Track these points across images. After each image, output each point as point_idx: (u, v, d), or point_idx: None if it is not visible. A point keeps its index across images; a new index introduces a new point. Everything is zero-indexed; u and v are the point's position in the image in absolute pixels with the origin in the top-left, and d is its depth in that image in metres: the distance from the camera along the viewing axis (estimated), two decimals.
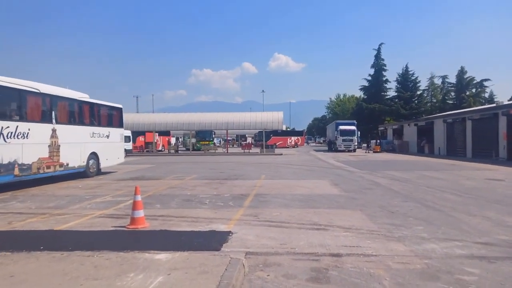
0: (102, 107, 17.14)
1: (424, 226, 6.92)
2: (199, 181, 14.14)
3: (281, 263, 4.93)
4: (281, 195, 10.56)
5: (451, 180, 14.50)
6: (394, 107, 63.36)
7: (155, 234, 6.38)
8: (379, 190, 11.70)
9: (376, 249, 5.50)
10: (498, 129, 26.79)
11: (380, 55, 66.93)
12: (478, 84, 61.78)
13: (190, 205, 9.10)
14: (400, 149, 44.15)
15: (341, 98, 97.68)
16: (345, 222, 7.21)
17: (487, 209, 8.58)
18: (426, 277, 4.45)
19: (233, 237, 6.12)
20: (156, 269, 4.54)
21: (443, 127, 36.33)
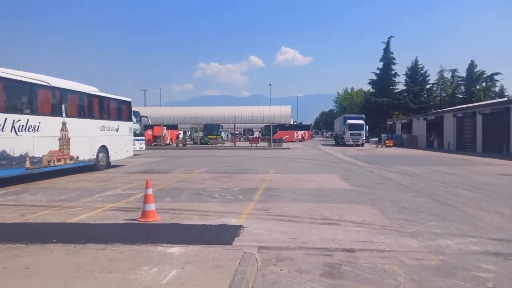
0: (111, 101, 17.20)
1: (437, 222, 6.85)
2: (208, 175, 14.15)
3: (293, 258, 4.91)
4: (291, 189, 10.53)
5: (462, 175, 14.34)
6: (403, 101, 62.82)
7: (167, 227, 6.39)
8: (389, 185, 11.61)
9: (389, 245, 5.45)
10: (509, 124, 26.40)
11: (389, 48, 66.33)
12: (488, 78, 60.89)
13: (200, 199, 9.10)
14: (409, 144, 43.79)
15: (349, 92, 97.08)
16: (356, 217, 7.15)
17: (500, 204, 8.47)
18: (442, 273, 4.39)
19: (244, 231, 6.10)
20: (170, 263, 4.54)
21: (453, 121, 35.92)
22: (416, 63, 66.47)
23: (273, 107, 65.81)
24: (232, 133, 60.99)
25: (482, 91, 58.46)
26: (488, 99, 52.81)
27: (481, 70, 61.35)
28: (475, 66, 61.67)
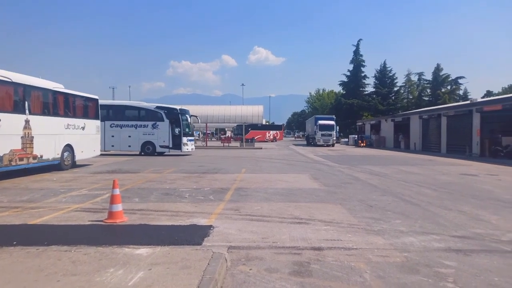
0: (77, 98, 16.64)
1: (402, 220, 7.06)
2: (178, 175, 13.96)
3: (263, 257, 4.92)
4: (262, 189, 10.56)
5: (427, 175, 14.87)
6: (372, 103, 64.48)
7: (134, 228, 6.25)
8: (358, 185, 11.87)
9: (356, 243, 5.57)
10: (472, 126, 27.64)
11: (358, 51, 67.86)
12: (453, 81, 63.56)
13: (170, 199, 8.96)
14: (378, 144, 45.02)
15: (321, 93, 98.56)
16: (326, 216, 7.27)
17: (462, 203, 8.84)
18: (406, 270, 4.53)
19: (214, 231, 6.06)
20: (137, 264, 4.44)
21: (419, 123, 37.20)
22: (384, 66, 68.40)
23: (245, 106, 65.88)
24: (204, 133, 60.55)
25: (447, 94, 60.92)
26: (453, 101, 55.05)
27: (446, 73, 64.00)
28: (440, 69, 64.23)
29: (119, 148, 25.93)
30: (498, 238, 5.91)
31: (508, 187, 11.72)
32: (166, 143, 25.51)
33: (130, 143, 25.69)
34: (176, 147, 25.56)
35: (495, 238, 5.91)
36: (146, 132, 25.62)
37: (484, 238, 5.88)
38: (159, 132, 25.52)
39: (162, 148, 25.68)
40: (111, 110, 26.56)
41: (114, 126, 25.77)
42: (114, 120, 25.89)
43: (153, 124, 25.55)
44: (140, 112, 26.24)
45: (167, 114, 25.59)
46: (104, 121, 25.62)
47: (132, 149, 25.95)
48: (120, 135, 25.74)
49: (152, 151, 25.67)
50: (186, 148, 25.95)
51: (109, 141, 25.75)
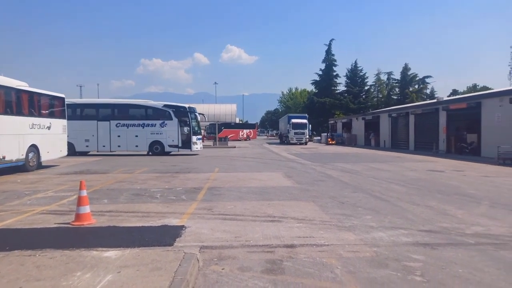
0: (42, 97, 16.02)
1: (372, 216, 7.21)
2: (149, 175, 13.70)
3: (236, 256, 4.89)
4: (236, 188, 10.52)
5: (396, 171, 15.28)
6: (344, 102, 65.67)
7: (103, 230, 6.07)
8: (330, 182, 12.04)
9: (328, 239, 5.64)
10: (438, 124, 28.65)
11: (330, 50, 68.88)
12: (420, 80, 65.72)
13: (141, 200, 8.78)
14: (349, 142, 45.88)
15: (293, 92, 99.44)
16: (298, 214, 7.32)
17: (429, 198, 9.13)
18: (375, 264, 4.62)
19: (186, 231, 5.98)
20: (105, 267, 4.31)
21: (388, 121, 38.21)
22: (355, 65, 69.83)
23: (218, 105, 65.54)
24: None
25: (415, 93, 62.93)
26: (420, 100, 56.92)
27: (414, 73, 66.11)
28: (408, 69, 66.26)
29: (126, 148, 25.21)
30: (463, 231, 6.13)
31: (473, 182, 12.21)
32: (175, 142, 24.96)
33: (138, 143, 24.97)
34: (185, 146, 25.06)
35: (460, 231, 6.13)
36: (154, 131, 24.95)
37: (450, 232, 6.09)
38: (167, 131, 24.89)
39: (171, 148, 25.14)
40: (117, 109, 25.85)
41: (120, 126, 24.99)
42: (119, 119, 25.10)
43: (161, 123, 24.92)
44: (148, 110, 25.53)
45: (176, 113, 25.04)
46: (110, 121, 25.09)
47: (139, 149, 25.26)
48: (126, 134, 24.97)
49: (160, 151, 25.05)
50: (196, 147, 25.48)
51: (115, 141, 24.99)
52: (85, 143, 24.96)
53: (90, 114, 25.84)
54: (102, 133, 24.90)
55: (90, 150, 25.46)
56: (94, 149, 25.27)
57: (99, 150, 25.22)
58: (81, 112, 25.93)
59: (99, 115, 25.49)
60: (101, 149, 25.17)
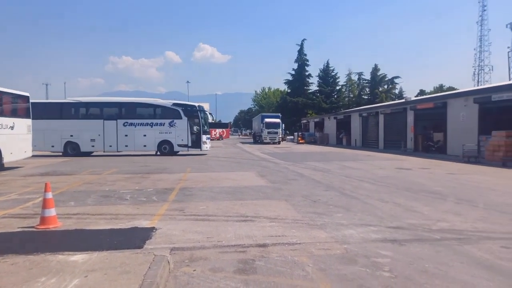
0: (4, 95, 15.31)
1: (343, 213, 7.33)
2: (119, 176, 13.37)
3: (208, 257, 4.84)
4: (208, 188, 10.44)
5: (366, 169, 15.62)
6: (316, 101, 66.56)
7: (69, 234, 5.86)
8: (303, 181, 12.15)
9: (300, 238, 5.68)
10: (406, 123, 29.54)
11: (303, 50, 69.62)
12: (389, 81, 67.61)
13: (109, 202, 8.54)
14: (321, 141, 46.57)
15: (266, 92, 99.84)
16: (271, 213, 7.34)
17: (398, 196, 9.38)
18: (346, 261, 4.70)
19: (157, 233, 5.86)
20: (71, 272, 4.16)
21: (359, 120, 39.02)
22: (327, 65, 70.91)
23: None
24: None
25: (384, 93, 64.68)
26: (389, 100, 58.52)
27: (383, 73, 67.91)
28: (378, 70, 68.00)
29: (134, 148, 24.47)
30: (429, 227, 6.33)
31: (439, 179, 12.65)
32: (185, 142, 24.43)
33: (146, 142, 24.31)
34: (195, 145, 24.56)
35: (427, 227, 6.32)
36: (162, 130, 24.33)
37: (417, 228, 6.27)
38: (176, 131, 24.31)
39: (180, 147, 24.56)
40: (124, 108, 25.01)
41: (127, 125, 24.24)
42: (127, 118, 24.32)
43: (170, 122, 24.30)
44: (156, 109, 24.89)
45: (185, 111, 24.49)
46: (117, 120, 24.27)
47: (147, 149, 24.58)
48: (134, 134, 24.23)
49: (169, 151, 24.46)
50: (206, 146, 24.99)
51: (122, 140, 24.21)
52: (90, 143, 24.23)
53: (95, 113, 25.07)
54: (109, 133, 24.18)
55: (96, 150, 24.75)
56: (100, 149, 24.55)
57: (106, 150, 24.52)
58: (86, 111, 25.19)
59: (106, 114, 24.74)
60: (108, 149, 24.47)
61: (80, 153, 23.98)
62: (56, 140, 23.95)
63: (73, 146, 24.12)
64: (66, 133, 24.02)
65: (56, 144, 24.05)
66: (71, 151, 24.06)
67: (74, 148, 24.14)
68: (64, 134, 24.00)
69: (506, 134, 18.32)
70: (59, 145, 24.07)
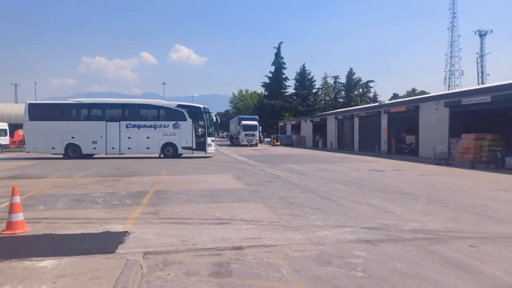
0: None
1: (319, 215, 7.40)
2: (91, 179, 13.03)
3: (182, 261, 4.77)
4: (183, 191, 10.31)
5: (341, 171, 15.84)
6: (293, 104, 67.14)
7: (38, 239, 5.65)
8: (279, 183, 12.20)
9: (275, 240, 5.68)
10: (380, 126, 30.20)
11: (280, 53, 70.13)
12: (364, 84, 69.06)
13: (81, 205, 8.30)
14: (298, 144, 46.99)
15: (243, 94, 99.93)
16: (247, 215, 7.32)
17: (371, 197, 9.55)
18: (321, 262, 4.73)
19: (130, 237, 5.73)
20: (39, 278, 4.00)
21: (335, 123, 39.62)
22: (304, 68, 71.71)
23: None
24: None
25: (359, 96, 65.97)
26: (364, 103, 59.68)
27: (358, 77, 69.26)
28: (353, 73, 69.32)
29: (137, 151, 23.81)
30: (401, 228, 6.47)
31: (411, 181, 12.97)
32: (189, 144, 23.87)
33: (149, 144, 23.71)
34: (200, 148, 23.97)
35: (399, 228, 6.46)
36: (166, 132, 23.76)
37: (390, 229, 6.40)
38: (181, 133, 23.76)
39: (185, 150, 24.01)
40: (127, 109, 24.34)
41: (130, 127, 23.59)
42: (130, 120, 23.69)
43: (175, 124, 23.73)
44: (160, 111, 24.26)
45: (190, 113, 23.98)
46: (119, 121, 23.60)
47: (151, 151, 23.96)
48: (137, 136, 23.59)
49: (173, 153, 23.88)
50: (211, 149, 24.43)
51: (125, 143, 23.54)
52: (92, 145, 23.61)
53: (98, 114, 24.40)
54: (111, 135, 23.56)
55: (98, 152, 24.11)
56: (102, 152, 23.92)
57: (108, 152, 23.89)
58: (88, 112, 24.48)
59: (108, 116, 24.09)
60: (110, 152, 23.85)
61: (82, 156, 23.38)
62: (57, 142, 23.32)
63: (74, 148, 23.50)
64: (67, 135, 23.41)
65: (57, 146, 23.43)
66: (72, 153, 23.45)
67: (76, 150, 23.51)
68: (65, 135, 23.40)
69: (475, 137, 19.01)
70: (60, 147, 23.45)
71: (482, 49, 75.74)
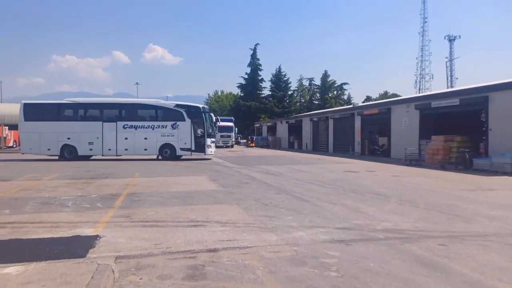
0: None
1: (294, 216, 7.44)
2: (60, 181, 12.62)
3: (155, 264, 4.68)
4: (157, 193, 10.15)
5: (316, 173, 16.03)
6: (269, 105, 67.50)
7: (3, 244, 5.41)
8: (254, 184, 12.21)
9: (251, 241, 5.67)
10: (354, 128, 30.77)
11: (256, 55, 70.39)
12: (338, 87, 70.25)
13: (50, 209, 8.02)
14: (274, 145, 47.20)
15: (219, 95, 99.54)
16: (222, 217, 7.27)
17: (345, 198, 9.70)
18: (295, 263, 4.75)
19: (101, 241, 5.58)
20: (3, 285, 3.83)
21: (310, 125, 40.07)
22: (279, 70, 72.22)
23: None
24: None
25: (334, 99, 67.10)
26: (338, 105, 60.76)
27: (332, 80, 70.48)
28: (328, 76, 70.43)
29: (134, 152, 22.99)
30: (374, 227, 6.60)
31: (383, 181, 13.27)
32: (188, 146, 23.12)
33: (147, 146, 22.94)
34: (199, 149, 23.27)
35: (372, 227, 6.58)
36: (164, 133, 23.01)
37: (363, 228, 6.51)
38: (179, 133, 23.01)
39: (183, 151, 23.26)
40: (124, 109, 23.43)
41: (127, 127, 22.80)
42: (127, 120, 22.89)
43: (173, 125, 22.99)
44: (158, 111, 23.51)
45: (189, 113, 23.25)
46: (116, 122, 22.74)
47: (148, 152, 23.18)
48: (134, 137, 22.79)
49: (170, 155, 23.11)
50: (210, 150, 23.72)
51: (122, 144, 22.74)
52: (88, 146, 22.81)
53: (94, 114, 23.57)
54: (108, 136, 22.80)
55: (95, 154, 23.30)
56: (98, 153, 23.13)
57: (104, 154, 23.09)
58: (85, 112, 23.66)
59: (105, 116, 23.30)
60: (107, 153, 23.05)
61: (78, 157, 22.62)
62: (53, 143, 22.53)
63: (70, 150, 22.76)
64: (63, 136, 22.62)
65: (52, 147, 22.65)
66: (68, 155, 22.72)
67: (72, 151, 22.77)
68: (61, 136, 22.61)
69: (444, 139, 19.66)
70: (56, 148, 22.67)
71: (451, 54, 78.43)
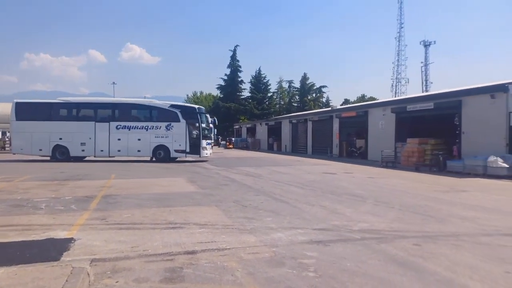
0: None
1: (273, 217, 7.47)
2: (33, 183, 12.23)
3: (132, 268, 4.60)
4: (134, 195, 9.98)
5: (295, 174, 16.14)
6: (248, 107, 67.57)
7: None
8: (234, 186, 12.18)
9: (229, 243, 5.65)
10: (332, 130, 31.17)
11: (235, 56, 70.37)
12: (317, 89, 71.09)
13: (21, 211, 7.76)
14: (253, 147, 47.27)
15: (198, 96, 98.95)
16: (201, 219, 7.22)
17: (323, 199, 9.81)
18: (274, 264, 4.77)
19: (76, 244, 5.44)
20: None
21: (289, 127, 40.35)
22: (259, 72, 72.44)
23: None
24: None
25: (313, 101, 67.82)
26: (317, 108, 61.43)
27: (312, 82, 71.21)
28: (307, 78, 71.16)
29: (127, 153, 22.25)
30: (351, 228, 6.69)
31: (360, 183, 13.49)
32: (183, 147, 22.50)
33: (140, 147, 22.27)
34: (193, 151, 22.67)
35: (349, 228, 6.68)
36: (158, 134, 22.38)
37: (340, 229, 6.60)
38: (174, 135, 22.40)
39: (178, 153, 22.62)
40: (117, 109, 22.70)
41: (120, 128, 22.11)
42: (120, 120, 22.19)
43: (167, 125, 22.36)
44: (152, 111, 22.85)
45: (184, 114, 22.65)
46: (109, 122, 22.01)
47: (142, 154, 22.46)
48: (127, 138, 22.09)
49: (164, 157, 22.43)
50: (206, 152, 23.15)
51: (115, 145, 22.01)
52: (81, 147, 22.14)
53: (87, 114, 22.81)
54: (101, 136, 22.13)
55: (87, 155, 22.62)
56: (91, 154, 22.44)
57: (97, 155, 22.44)
58: (77, 112, 22.82)
59: (98, 116, 22.59)
60: (99, 154, 22.39)
61: (70, 158, 22.02)
62: (44, 143, 21.85)
63: (62, 150, 22.09)
64: (54, 136, 21.93)
65: (44, 148, 21.97)
66: (60, 156, 22.04)
67: (63, 152, 22.10)
68: (53, 137, 21.91)
69: (419, 141, 20.16)
70: (47, 148, 21.99)
71: (427, 59, 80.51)
